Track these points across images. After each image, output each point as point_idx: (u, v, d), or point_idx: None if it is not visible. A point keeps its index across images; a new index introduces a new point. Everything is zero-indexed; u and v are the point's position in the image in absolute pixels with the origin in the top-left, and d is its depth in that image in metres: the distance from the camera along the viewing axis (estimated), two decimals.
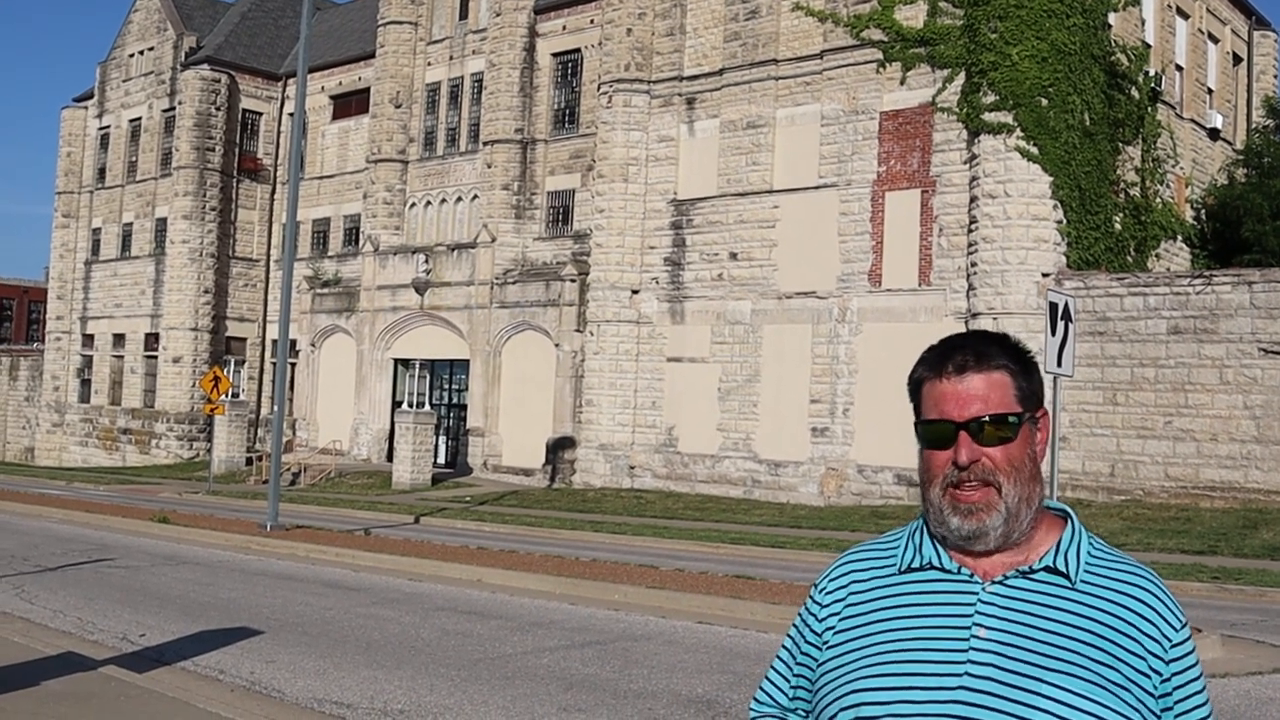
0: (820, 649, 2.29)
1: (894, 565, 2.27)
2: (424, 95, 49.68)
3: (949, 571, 2.20)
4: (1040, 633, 2.10)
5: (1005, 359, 2.22)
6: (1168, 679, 2.12)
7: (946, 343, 2.28)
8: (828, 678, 2.23)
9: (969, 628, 2.13)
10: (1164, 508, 25.93)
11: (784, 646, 2.40)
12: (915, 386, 2.28)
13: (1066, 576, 2.17)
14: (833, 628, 2.28)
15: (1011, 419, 2.18)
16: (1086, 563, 2.20)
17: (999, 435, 2.16)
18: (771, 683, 2.41)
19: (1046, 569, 2.18)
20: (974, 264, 30.17)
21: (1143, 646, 2.11)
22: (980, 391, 2.18)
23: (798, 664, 2.36)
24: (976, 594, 2.16)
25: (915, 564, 2.24)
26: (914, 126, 32.54)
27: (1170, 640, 2.14)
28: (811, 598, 2.37)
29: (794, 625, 2.40)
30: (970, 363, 2.20)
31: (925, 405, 2.23)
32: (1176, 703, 2.14)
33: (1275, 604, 16.02)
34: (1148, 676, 2.10)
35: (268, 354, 56.82)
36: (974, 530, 2.16)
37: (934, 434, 2.20)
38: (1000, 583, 2.17)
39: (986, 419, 2.16)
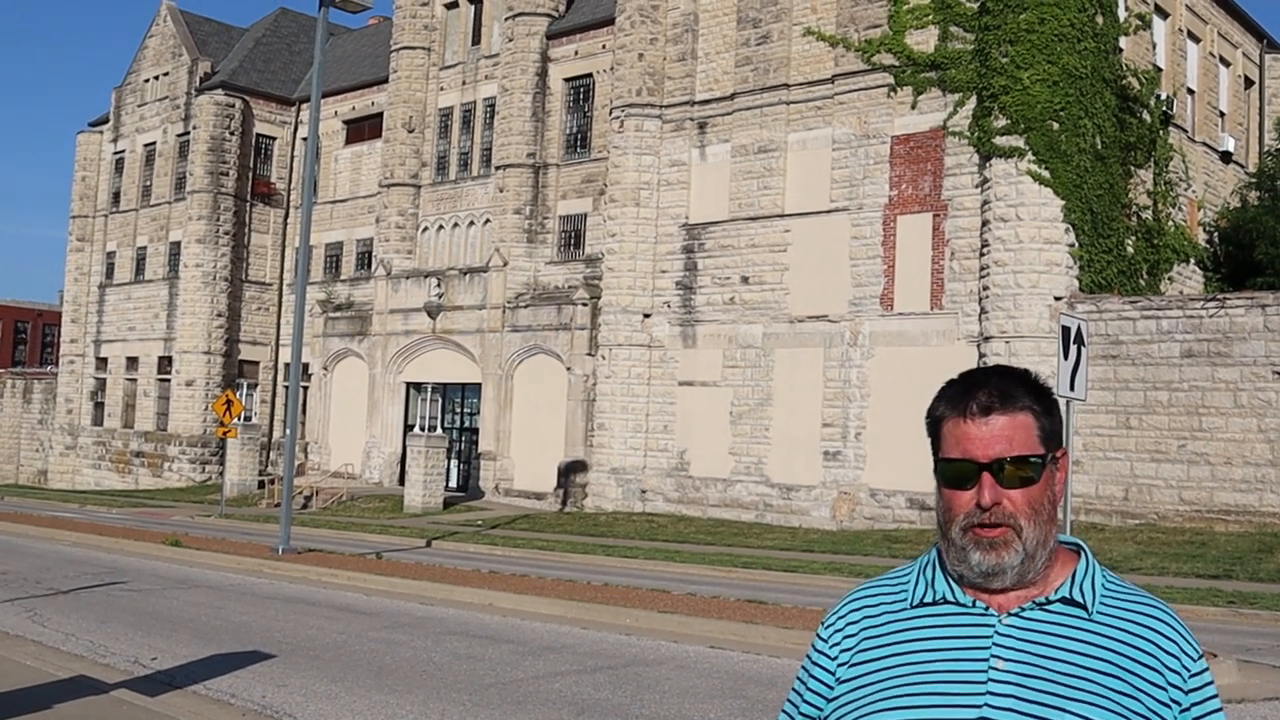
0: (832, 687, 2.26)
1: (905, 600, 2.25)
2: (436, 120, 49.90)
3: (963, 605, 2.19)
4: (1059, 664, 2.09)
5: (1029, 399, 2.20)
6: (1187, 709, 2.11)
7: (968, 379, 2.25)
8: (841, 713, 2.21)
9: (987, 659, 2.11)
10: (1178, 531, 25.78)
11: (793, 689, 2.37)
12: (936, 424, 2.24)
13: (1083, 607, 2.15)
14: (846, 663, 2.25)
15: (1034, 460, 2.16)
16: (1102, 594, 2.18)
17: (1021, 476, 2.15)
18: None
19: (1063, 600, 2.16)
20: (986, 288, 30.13)
21: (1163, 677, 2.09)
22: (1004, 432, 2.15)
23: (801, 713, 2.33)
24: (993, 625, 2.15)
25: (928, 598, 2.22)
26: (925, 150, 32.57)
27: (1189, 670, 2.12)
28: (819, 636, 2.33)
29: (800, 671, 2.37)
30: (995, 403, 2.17)
31: (947, 444, 2.20)
32: None
33: None
34: (1168, 707, 2.09)
35: (280, 377, 56.97)
36: (993, 566, 2.14)
37: (956, 473, 2.18)
38: (1016, 614, 2.15)
39: (1009, 460, 2.14)
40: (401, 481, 44.18)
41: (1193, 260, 35.27)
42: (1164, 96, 34.27)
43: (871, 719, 2.14)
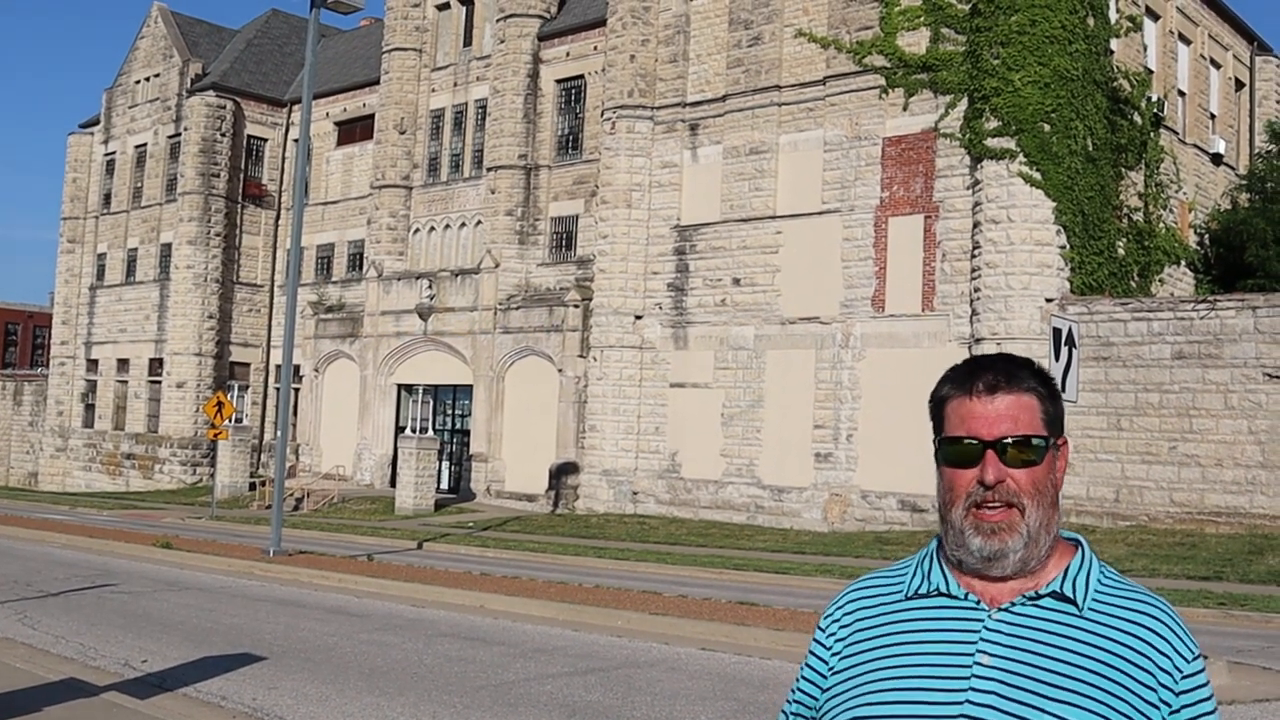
0: (826, 677, 2.26)
1: (901, 592, 2.25)
2: (428, 121, 49.87)
3: (956, 598, 2.18)
4: (1045, 660, 2.07)
5: (1034, 382, 2.20)
6: (1177, 710, 2.08)
7: (974, 362, 2.25)
8: (831, 703, 2.21)
9: (973, 654, 2.10)
10: (1169, 533, 25.84)
11: (797, 676, 2.38)
12: (939, 404, 2.24)
13: (1074, 603, 2.13)
14: (839, 653, 2.25)
15: (1037, 442, 2.15)
16: (1096, 590, 2.16)
17: (1024, 458, 2.14)
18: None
19: (1053, 595, 2.14)
20: (977, 289, 30.18)
21: (1153, 677, 2.07)
22: (1009, 412, 2.15)
23: (794, 700, 2.34)
24: (982, 620, 2.14)
25: (923, 590, 2.22)
26: (917, 152, 32.61)
27: (1181, 671, 2.09)
28: (819, 626, 2.34)
29: (804, 659, 2.38)
30: (1001, 382, 2.17)
31: (950, 422, 2.20)
32: None
33: None
34: (1156, 708, 2.06)
35: (271, 379, 56.83)
36: (994, 551, 2.13)
37: (959, 452, 2.17)
38: (1007, 609, 2.14)
39: (1013, 440, 2.14)
40: (393, 483, 44.13)
41: (1183, 262, 35.36)
42: (1155, 98, 34.34)
43: (855, 712, 2.14)
